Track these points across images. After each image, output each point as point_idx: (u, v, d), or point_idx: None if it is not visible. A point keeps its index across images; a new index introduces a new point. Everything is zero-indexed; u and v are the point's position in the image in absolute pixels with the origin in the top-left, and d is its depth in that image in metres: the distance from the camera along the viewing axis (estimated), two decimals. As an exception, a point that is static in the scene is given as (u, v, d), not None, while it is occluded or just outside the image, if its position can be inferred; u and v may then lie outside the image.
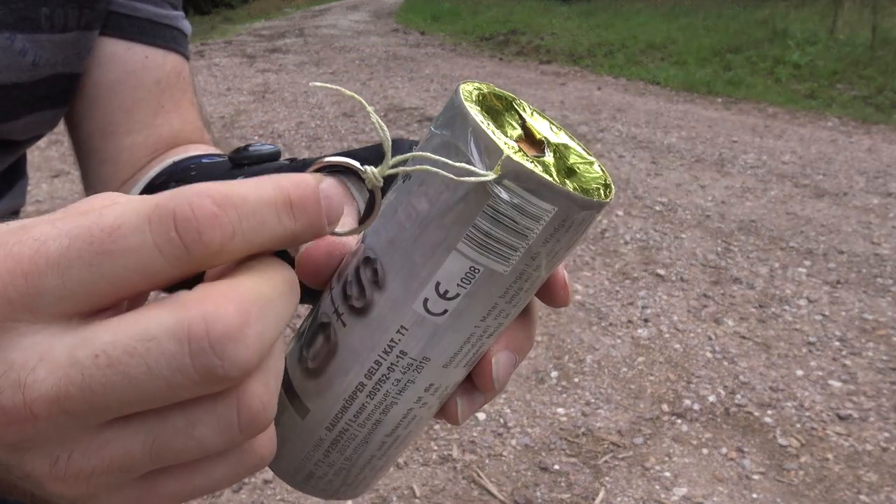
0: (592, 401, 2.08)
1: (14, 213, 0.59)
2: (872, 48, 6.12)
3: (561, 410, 2.04)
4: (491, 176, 0.23)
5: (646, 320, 2.48)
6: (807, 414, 2.00)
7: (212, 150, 0.57)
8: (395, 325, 0.27)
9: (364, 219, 0.27)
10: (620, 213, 3.37)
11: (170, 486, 0.21)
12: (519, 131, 0.27)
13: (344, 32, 9.84)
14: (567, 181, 0.24)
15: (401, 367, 0.27)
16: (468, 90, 0.26)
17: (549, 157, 0.26)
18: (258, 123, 5.00)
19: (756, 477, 1.78)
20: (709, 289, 2.69)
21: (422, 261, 0.26)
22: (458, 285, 0.25)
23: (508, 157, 0.23)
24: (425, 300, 0.26)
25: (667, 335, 2.39)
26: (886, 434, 1.92)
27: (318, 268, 0.28)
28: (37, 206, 3.48)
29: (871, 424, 1.96)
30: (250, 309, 0.19)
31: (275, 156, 0.45)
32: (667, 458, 1.85)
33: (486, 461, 1.85)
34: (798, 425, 1.96)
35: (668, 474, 1.80)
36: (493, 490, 1.75)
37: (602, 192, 0.25)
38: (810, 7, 8.04)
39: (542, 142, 0.27)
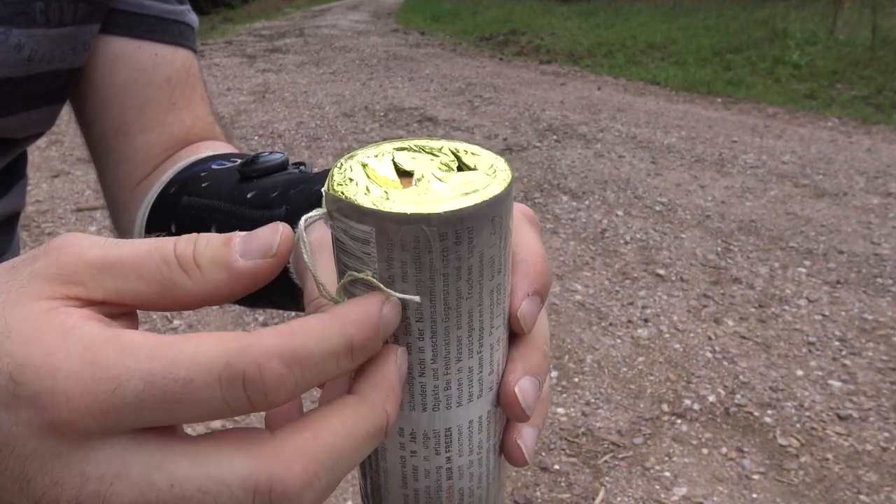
0: (592, 401, 2.08)
1: (13, 216, 0.59)
2: (872, 48, 6.12)
3: (561, 410, 2.04)
4: (320, 211, 0.25)
5: (646, 320, 2.48)
6: (807, 414, 2.00)
7: (223, 148, 0.57)
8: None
9: None
10: (620, 213, 3.37)
11: None
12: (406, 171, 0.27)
13: (344, 32, 9.84)
14: (419, 202, 0.24)
15: None
16: (350, 162, 0.27)
17: (417, 183, 0.26)
18: (258, 123, 5.00)
19: (756, 477, 1.78)
20: (709, 289, 2.69)
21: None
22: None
23: (326, 192, 0.25)
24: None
25: (667, 335, 2.39)
26: (886, 434, 1.92)
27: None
28: (37, 206, 3.48)
29: (871, 424, 1.96)
30: (317, 471, 0.21)
31: (283, 165, 0.45)
32: (667, 458, 1.85)
33: (486, 461, 1.85)
34: (798, 425, 1.96)
35: (668, 474, 1.80)
36: (493, 490, 1.75)
37: (458, 203, 0.24)
38: (810, 7, 8.05)
39: (422, 176, 0.26)
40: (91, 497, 0.20)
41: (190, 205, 0.46)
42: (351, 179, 0.25)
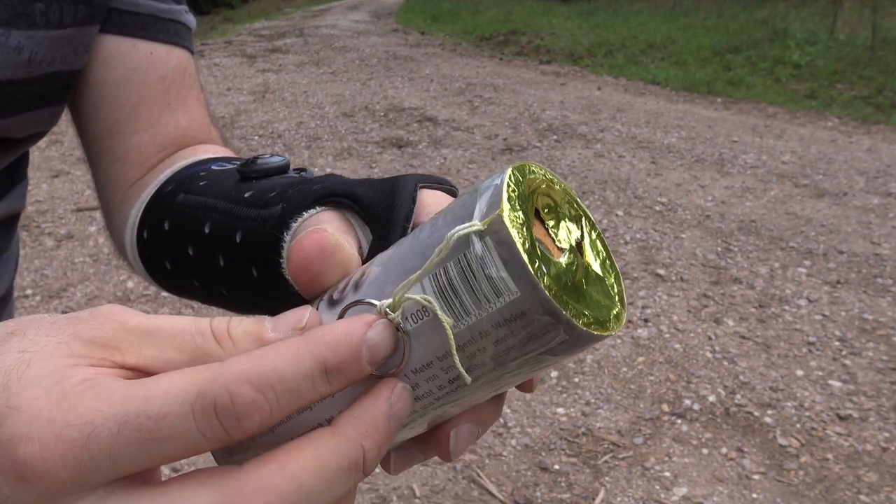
0: (592, 401, 2.08)
1: (14, 216, 0.59)
2: (872, 48, 6.12)
3: (561, 410, 2.04)
4: (477, 226, 0.23)
5: (646, 320, 2.48)
6: (807, 414, 2.00)
7: (221, 151, 0.56)
8: None
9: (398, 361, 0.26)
10: (620, 213, 3.37)
11: None
12: (566, 235, 0.26)
13: (344, 32, 9.84)
14: (563, 294, 0.23)
15: None
16: (517, 176, 0.25)
17: (560, 264, 0.24)
18: (258, 123, 5.00)
19: (756, 477, 1.78)
20: (709, 289, 2.69)
21: (394, 278, 0.25)
22: (410, 317, 0.25)
23: (500, 217, 0.23)
24: (385, 312, 0.26)
25: (667, 335, 2.39)
26: (886, 434, 1.92)
27: (308, 268, 0.28)
28: (37, 206, 3.48)
29: (871, 424, 1.96)
30: None
31: (283, 168, 0.44)
32: (667, 458, 1.85)
33: (486, 461, 1.85)
34: (798, 425, 1.96)
35: (668, 474, 1.80)
36: (493, 490, 1.75)
37: (591, 324, 0.23)
38: (810, 7, 8.04)
39: (570, 251, 0.25)
40: None
41: (185, 202, 0.46)
42: (516, 215, 0.23)
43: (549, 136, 4.64)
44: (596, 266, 0.26)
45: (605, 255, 0.27)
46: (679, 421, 1.99)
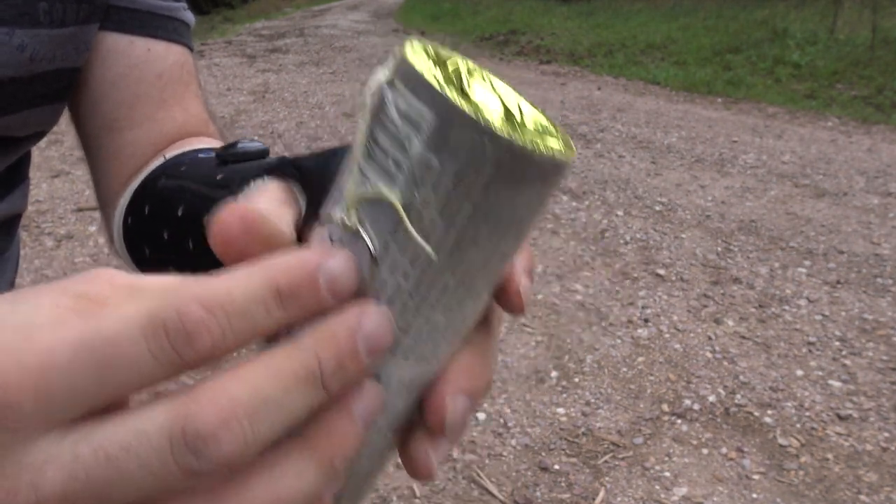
0: (592, 401, 2.08)
1: (15, 217, 0.59)
2: (872, 48, 6.12)
3: (561, 410, 2.04)
4: (385, 73, 0.22)
5: (646, 320, 2.48)
6: (807, 414, 2.00)
7: (214, 143, 0.56)
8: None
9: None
10: (620, 213, 3.37)
11: None
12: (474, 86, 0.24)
13: (344, 32, 9.84)
14: (483, 112, 0.21)
15: None
16: (426, 46, 0.24)
17: (483, 100, 0.23)
18: (258, 123, 5.00)
19: (756, 477, 1.78)
20: (709, 289, 2.69)
21: (336, 190, 0.24)
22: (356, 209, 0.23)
23: (402, 58, 0.22)
24: (330, 232, 0.24)
25: (667, 335, 2.39)
26: (886, 434, 1.92)
27: (230, 244, 0.26)
28: (37, 206, 3.48)
29: (871, 424, 1.96)
30: (235, 409, 0.20)
31: (262, 154, 0.44)
32: (667, 458, 1.85)
33: (486, 461, 1.85)
34: (798, 425, 1.96)
35: (668, 474, 1.80)
36: (493, 490, 1.75)
37: (515, 135, 0.21)
38: (810, 7, 8.05)
39: (494, 97, 0.24)
40: (26, 488, 0.19)
41: (164, 186, 0.46)
42: (419, 58, 0.22)
43: (549, 136, 4.65)
44: (536, 119, 0.24)
45: (544, 116, 0.25)
46: (679, 421, 1.99)
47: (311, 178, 0.32)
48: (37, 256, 2.98)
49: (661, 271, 2.82)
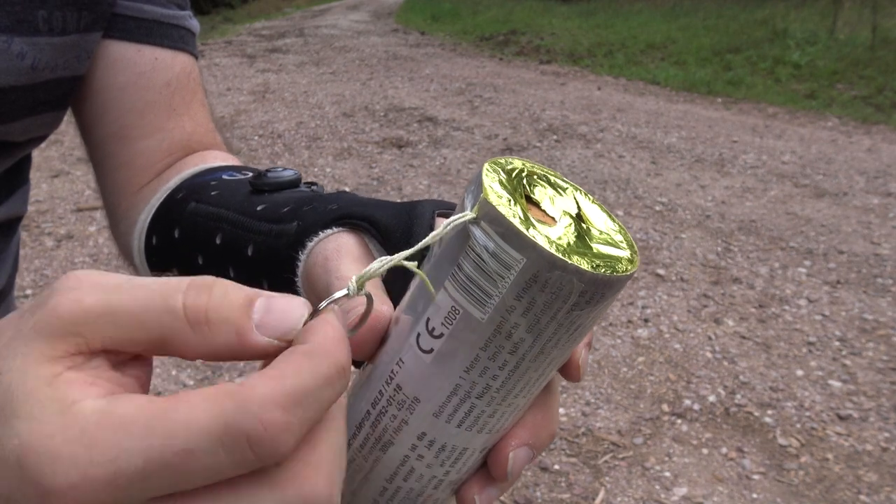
0: (592, 401, 2.08)
1: (15, 220, 0.58)
2: (872, 48, 6.12)
3: (561, 410, 2.04)
4: (469, 215, 0.25)
5: (646, 320, 2.48)
6: (807, 414, 2.00)
7: (229, 158, 0.56)
8: (396, 357, 0.28)
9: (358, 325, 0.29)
10: (620, 213, 3.37)
11: None
12: (554, 206, 0.27)
13: (344, 32, 9.84)
14: (566, 251, 0.24)
15: (396, 401, 0.28)
16: (496, 167, 0.27)
17: (559, 228, 0.26)
18: (258, 123, 5.00)
19: (756, 477, 1.78)
20: (709, 289, 2.69)
21: (421, 297, 0.27)
22: (442, 324, 0.26)
23: (485, 200, 0.24)
24: (418, 335, 0.27)
25: (667, 335, 2.39)
26: (886, 434, 1.92)
27: (363, 344, 0.29)
28: (37, 206, 3.48)
29: (871, 424, 1.96)
30: (286, 405, 0.20)
31: (295, 182, 0.45)
32: (667, 458, 1.85)
33: (486, 461, 1.85)
34: (798, 425, 1.96)
35: (668, 474, 1.80)
36: (493, 490, 1.75)
37: (600, 267, 0.24)
38: (810, 7, 8.05)
39: (560, 217, 0.27)
40: None
41: (196, 211, 0.46)
42: (500, 196, 0.25)
43: (549, 136, 4.64)
44: (599, 225, 0.28)
45: (605, 214, 0.28)
46: (679, 421, 1.99)
47: (392, 236, 0.33)
48: (37, 256, 2.97)
49: (661, 271, 2.82)
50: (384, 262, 0.26)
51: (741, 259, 2.91)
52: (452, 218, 0.25)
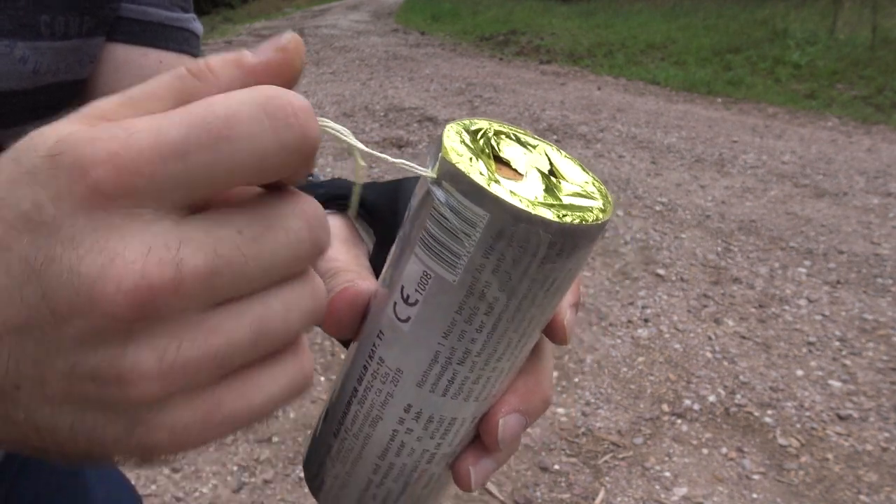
0: (592, 401, 2.08)
1: None
2: (872, 48, 6.12)
3: (561, 410, 2.04)
4: (430, 175, 0.25)
5: (646, 320, 2.48)
6: (807, 414, 2.00)
7: None
8: (376, 329, 0.28)
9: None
10: (620, 213, 3.37)
11: (231, 404, 0.22)
12: (518, 161, 0.27)
13: (344, 32, 9.84)
14: (532, 203, 0.24)
15: (380, 375, 0.28)
16: (458, 128, 0.27)
17: (526, 183, 0.25)
18: (258, 123, 5.00)
19: (756, 477, 1.78)
20: (709, 289, 2.69)
21: (395, 266, 0.27)
22: (416, 290, 0.26)
23: (444, 158, 0.24)
24: (395, 304, 0.27)
25: (667, 335, 2.39)
26: (886, 434, 1.92)
27: (341, 319, 0.30)
28: (37, 206, 3.48)
29: (871, 424, 1.96)
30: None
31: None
32: (667, 458, 1.85)
33: (486, 461, 1.85)
34: (798, 425, 1.96)
35: (668, 474, 1.80)
36: (493, 490, 1.75)
37: (566, 216, 0.24)
38: (810, 7, 8.05)
39: (528, 172, 0.27)
40: (158, 266, 0.19)
41: None
42: (460, 154, 0.25)
43: (550, 135, 4.64)
44: (572, 177, 0.27)
45: (578, 167, 0.28)
46: (679, 421, 1.99)
47: (379, 215, 0.34)
48: (37, 256, 2.98)
49: (661, 271, 2.82)
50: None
51: (741, 259, 2.91)
52: (414, 171, 0.25)
